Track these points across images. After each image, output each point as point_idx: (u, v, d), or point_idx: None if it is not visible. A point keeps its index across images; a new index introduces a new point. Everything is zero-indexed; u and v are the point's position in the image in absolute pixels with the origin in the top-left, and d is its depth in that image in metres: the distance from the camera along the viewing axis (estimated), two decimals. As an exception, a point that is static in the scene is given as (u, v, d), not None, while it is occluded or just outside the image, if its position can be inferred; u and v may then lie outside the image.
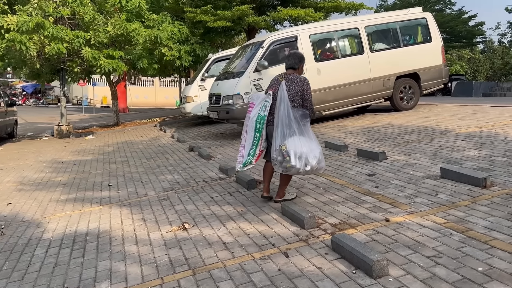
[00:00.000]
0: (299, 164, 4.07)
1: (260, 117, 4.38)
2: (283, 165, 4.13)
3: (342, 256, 3.10)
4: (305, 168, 4.10)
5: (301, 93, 4.30)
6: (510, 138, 5.87)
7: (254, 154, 4.41)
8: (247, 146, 4.44)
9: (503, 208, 3.56)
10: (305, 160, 4.08)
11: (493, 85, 20.69)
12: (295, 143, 4.08)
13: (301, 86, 4.31)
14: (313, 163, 4.11)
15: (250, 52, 9.32)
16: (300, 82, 4.33)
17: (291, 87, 4.29)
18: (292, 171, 4.17)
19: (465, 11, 36.28)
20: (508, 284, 2.48)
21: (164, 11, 15.36)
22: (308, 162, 4.09)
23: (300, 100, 4.30)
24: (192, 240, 3.88)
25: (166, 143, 10.55)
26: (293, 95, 4.26)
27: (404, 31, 10.10)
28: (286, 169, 4.16)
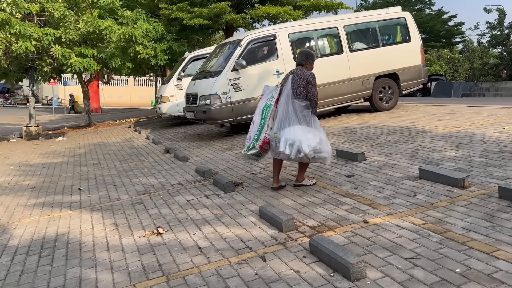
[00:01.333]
0: (289, 150, 4.48)
1: (266, 105, 4.81)
2: (276, 151, 4.65)
3: (320, 259, 3.04)
4: (298, 154, 4.50)
5: (306, 85, 4.62)
6: (488, 138, 5.94)
7: (258, 139, 4.80)
8: (253, 132, 4.88)
9: (481, 208, 3.57)
10: (297, 147, 4.47)
11: (472, 85, 21.13)
12: (289, 131, 4.51)
13: (306, 79, 4.65)
14: (306, 150, 4.47)
15: (228, 51, 9.21)
16: (305, 76, 4.67)
17: (297, 79, 4.65)
18: (281, 156, 4.64)
19: (445, 11, 37.00)
20: (485, 285, 2.47)
21: (139, 8, 15.07)
22: (301, 150, 4.47)
23: (305, 92, 4.63)
24: (167, 245, 3.76)
25: (140, 145, 10.34)
26: (297, 86, 4.62)
27: (383, 30, 10.16)
28: (278, 154, 4.68)
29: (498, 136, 6.00)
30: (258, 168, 6.10)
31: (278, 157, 4.76)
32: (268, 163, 6.35)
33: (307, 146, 4.48)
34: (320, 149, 4.57)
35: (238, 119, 8.83)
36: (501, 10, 40.00)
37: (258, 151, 4.86)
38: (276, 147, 4.61)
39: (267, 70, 8.89)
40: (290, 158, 4.62)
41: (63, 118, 23.34)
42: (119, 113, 25.66)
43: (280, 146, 4.53)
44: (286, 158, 4.72)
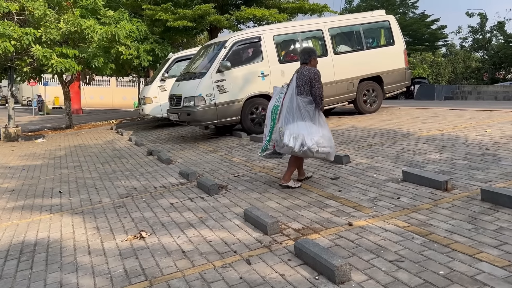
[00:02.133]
0: (293, 143, 4.60)
1: (275, 107, 4.97)
2: (280, 145, 4.76)
3: (305, 262, 3.03)
4: (302, 148, 4.61)
5: (310, 82, 4.73)
6: (471, 141, 6.03)
7: (270, 140, 5.02)
8: (266, 133, 5.07)
9: (464, 211, 3.60)
10: (301, 141, 4.59)
11: (454, 88, 21.48)
12: (293, 126, 4.66)
13: (310, 76, 4.75)
14: (310, 144, 4.60)
15: (213, 52, 9.17)
16: (309, 73, 4.78)
17: (300, 77, 4.78)
18: (285, 149, 4.73)
19: (428, 15, 37.55)
20: (468, 287, 2.49)
21: (122, 8, 14.88)
22: (304, 143, 4.59)
23: (309, 88, 4.74)
24: (150, 249, 3.70)
25: (123, 147, 10.20)
26: (301, 84, 4.74)
27: (368, 33, 10.24)
28: (282, 148, 4.77)
29: (481, 139, 6.10)
30: (243, 171, 6.08)
31: (282, 150, 4.86)
32: (252, 165, 6.33)
33: (310, 139, 4.62)
34: (323, 143, 4.70)
35: (223, 121, 8.78)
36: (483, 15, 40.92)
37: (273, 150, 5.05)
38: (280, 140, 4.73)
39: (252, 72, 8.87)
40: (294, 151, 4.68)
41: (43, 119, 22.91)
42: (100, 114, 25.28)
43: (284, 139, 4.65)
44: (290, 152, 4.76)
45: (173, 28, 15.61)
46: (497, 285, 2.46)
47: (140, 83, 25.62)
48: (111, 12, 13.82)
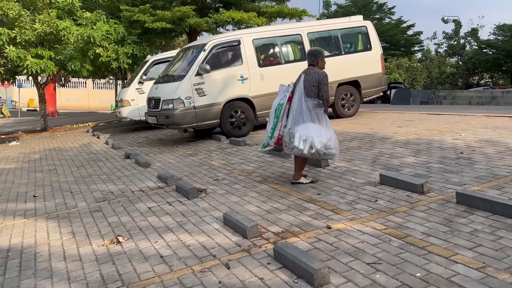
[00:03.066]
0: (303, 145, 4.68)
1: (279, 104, 5.02)
2: (289, 146, 4.81)
3: (284, 265, 3.03)
4: (310, 150, 4.71)
5: (318, 85, 4.80)
6: (446, 145, 6.16)
7: (272, 136, 5.06)
8: (268, 129, 5.14)
9: (439, 213, 3.67)
10: (310, 143, 4.68)
11: (430, 93, 21.90)
12: (303, 128, 4.71)
13: (318, 79, 4.82)
14: (318, 146, 4.70)
15: (192, 55, 9.12)
16: (317, 75, 4.84)
17: (308, 79, 4.83)
18: (295, 151, 4.79)
19: (404, 21, 38.28)
20: (445, 289, 2.53)
21: (99, 9, 14.67)
22: (313, 146, 4.68)
23: (316, 90, 4.81)
24: (127, 254, 3.64)
25: (99, 150, 10.03)
26: (309, 85, 4.79)
27: (345, 39, 10.36)
28: (291, 149, 4.83)
29: (455, 143, 6.24)
30: (222, 174, 6.05)
31: (291, 152, 4.91)
32: (232, 169, 6.32)
33: (319, 142, 4.71)
34: (330, 145, 4.81)
35: (202, 124, 8.74)
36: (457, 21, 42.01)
37: (274, 147, 5.10)
38: (290, 142, 4.78)
39: (231, 75, 8.87)
40: (303, 153, 4.75)
41: (17, 122, 22.35)
42: (76, 117, 24.82)
43: (295, 141, 4.72)
44: (299, 154, 4.81)
45: (152, 30, 15.47)
46: (472, 286, 2.51)
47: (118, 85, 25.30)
48: (88, 14, 13.61)
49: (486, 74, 42.30)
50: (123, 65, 14.14)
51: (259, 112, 9.13)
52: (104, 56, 13.51)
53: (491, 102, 17.69)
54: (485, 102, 17.95)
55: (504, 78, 41.43)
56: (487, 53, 39.94)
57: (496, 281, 2.53)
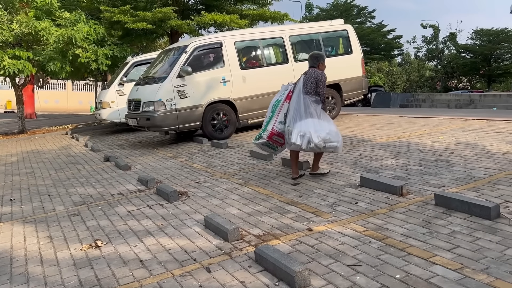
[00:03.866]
0: (300, 141, 4.93)
1: (277, 101, 5.30)
2: (288, 142, 5.08)
3: (266, 268, 3.02)
4: (309, 145, 4.93)
5: (316, 82, 5.06)
6: (424, 147, 6.25)
7: (265, 129, 5.30)
8: (264, 123, 5.37)
9: (418, 215, 3.72)
10: (308, 138, 4.90)
11: (409, 96, 22.23)
12: (300, 124, 4.95)
13: (316, 77, 5.09)
14: (316, 141, 4.91)
15: (173, 57, 9.05)
16: (316, 74, 5.12)
17: (308, 77, 5.12)
18: (293, 146, 5.06)
19: (384, 25, 38.83)
20: (424, 290, 2.55)
21: (78, 10, 14.44)
22: (311, 140, 4.90)
23: (314, 88, 5.07)
24: (106, 258, 3.57)
25: (78, 153, 9.87)
26: (308, 83, 5.07)
27: (327, 42, 10.43)
28: (290, 145, 5.10)
29: (434, 145, 6.34)
30: (203, 177, 6.02)
31: (290, 148, 5.15)
32: (214, 171, 6.28)
33: (316, 136, 4.91)
34: (330, 139, 4.99)
35: (184, 126, 8.68)
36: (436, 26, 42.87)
37: (266, 141, 5.33)
38: (289, 138, 5.05)
39: (213, 78, 8.83)
40: (302, 148, 4.99)
41: (-7, 124, 21.84)
42: (55, 119, 24.41)
43: (292, 137, 4.97)
44: (298, 149, 5.07)
45: (133, 31, 15.31)
46: (450, 287, 2.54)
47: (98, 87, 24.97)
48: (67, 14, 13.39)
49: (464, 77, 43.26)
50: (102, 67, 13.94)
51: (241, 114, 9.11)
52: (83, 57, 13.31)
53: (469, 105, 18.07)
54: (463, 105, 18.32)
55: (482, 82, 42.44)
56: (465, 57, 40.90)
57: (473, 281, 2.57)
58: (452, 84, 42.16)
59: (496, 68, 39.76)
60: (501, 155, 5.40)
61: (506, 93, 20.83)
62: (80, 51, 13.26)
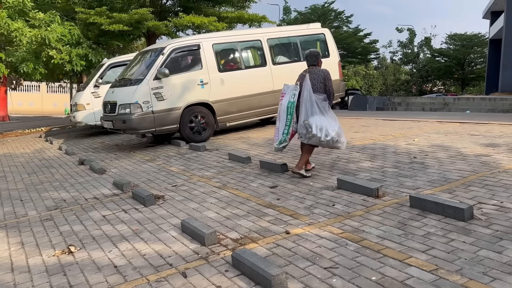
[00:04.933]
0: (320, 133, 5.09)
1: (290, 102, 5.34)
2: (307, 136, 5.19)
3: (243, 272, 3.00)
4: (326, 138, 5.11)
5: (324, 81, 5.26)
6: (400, 150, 6.34)
7: (288, 133, 5.39)
8: (281, 127, 5.42)
9: (394, 217, 3.75)
10: (325, 132, 5.09)
11: (385, 99, 22.50)
12: (316, 118, 5.13)
13: (323, 76, 5.28)
14: (333, 134, 5.12)
15: (150, 59, 8.95)
16: (322, 73, 5.31)
17: (314, 77, 5.26)
18: (314, 139, 5.16)
19: (361, 29, 39.32)
20: (399, 291, 2.57)
21: (53, 10, 14.14)
22: (328, 134, 5.10)
23: (323, 86, 5.26)
24: (79, 264, 3.48)
25: (52, 156, 9.64)
26: (316, 82, 5.23)
27: (304, 45, 10.49)
28: (309, 139, 5.19)
29: (409, 148, 6.43)
30: (181, 180, 5.95)
31: (309, 141, 5.22)
32: (191, 174, 6.22)
33: (332, 130, 5.14)
34: (340, 134, 5.22)
35: (161, 129, 8.58)
36: (412, 30, 43.70)
37: (288, 143, 5.48)
38: (308, 132, 5.15)
39: (191, 80, 8.77)
40: (321, 141, 5.14)
41: (-37, 126, 21.15)
42: (29, 121, 23.80)
43: (313, 130, 5.10)
44: (318, 142, 5.17)
45: (109, 32, 15.08)
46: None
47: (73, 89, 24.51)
48: (41, 14, 13.11)
49: (439, 81, 44.21)
50: (76, 68, 13.69)
51: (220, 117, 9.07)
52: (58, 58, 13.04)
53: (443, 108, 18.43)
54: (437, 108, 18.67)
55: (456, 85, 43.44)
56: (440, 61, 41.78)
57: (448, 283, 2.60)
58: (427, 87, 43.02)
59: (469, 72, 40.76)
60: (474, 157, 5.52)
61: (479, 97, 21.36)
62: (54, 52, 12.99)
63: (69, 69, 13.92)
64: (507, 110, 15.85)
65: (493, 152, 5.73)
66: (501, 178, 4.50)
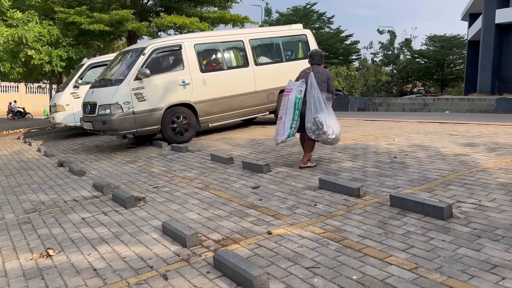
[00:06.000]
0: (329, 131, 5.35)
1: (297, 98, 5.52)
2: (316, 133, 5.41)
3: (224, 273, 2.98)
4: (332, 136, 5.39)
5: (327, 81, 5.55)
6: (381, 150, 6.41)
7: (295, 127, 5.56)
8: (287, 121, 5.56)
9: (375, 216, 3.78)
10: (332, 129, 5.38)
11: (366, 100, 22.74)
12: (325, 115, 5.38)
13: (327, 76, 5.59)
14: (337, 132, 5.46)
15: (131, 59, 8.85)
16: (325, 73, 5.60)
17: (319, 75, 5.52)
18: (323, 137, 5.39)
19: (342, 30, 39.66)
20: (379, 290, 2.59)
21: (31, 10, 13.88)
22: (333, 132, 5.40)
23: (326, 86, 5.54)
24: (57, 268, 3.41)
25: (30, 158, 9.45)
26: (320, 81, 5.48)
27: (286, 46, 10.52)
28: (319, 135, 5.42)
29: (389, 147, 6.51)
30: (162, 182, 5.89)
31: (318, 138, 5.47)
32: (173, 175, 6.17)
33: (336, 129, 5.45)
34: (339, 132, 5.55)
35: (142, 130, 8.49)
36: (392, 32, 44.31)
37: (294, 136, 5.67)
38: (318, 129, 5.38)
39: (172, 80, 8.71)
40: (328, 138, 5.41)
41: None
42: (7, 122, 23.33)
43: (324, 128, 5.35)
44: (325, 139, 5.44)
45: (89, 33, 14.86)
46: (405, 287, 2.58)
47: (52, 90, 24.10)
48: (19, 14, 12.85)
49: (419, 82, 44.91)
50: (56, 68, 13.46)
51: (202, 118, 9.03)
52: (37, 58, 12.81)
53: (423, 109, 18.72)
54: (417, 109, 18.95)
55: (435, 86, 44.19)
56: (420, 62, 42.45)
57: (427, 281, 2.63)
58: (407, 88, 43.65)
59: (448, 73, 41.51)
60: (453, 156, 5.61)
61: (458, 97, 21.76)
62: (33, 53, 12.76)
63: (49, 70, 13.67)
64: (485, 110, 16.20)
65: (472, 151, 5.84)
66: (479, 177, 4.59)
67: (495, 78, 22.81)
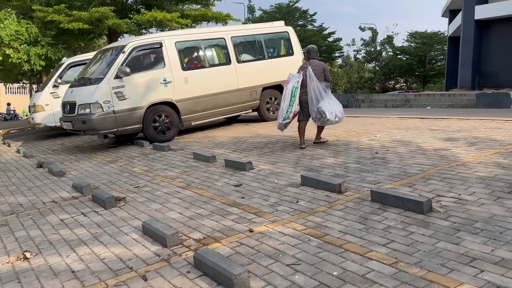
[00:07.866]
0: (332, 117, 6.23)
1: (294, 87, 6.33)
2: (321, 121, 6.31)
3: (205, 273, 2.95)
4: (335, 119, 6.28)
5: (323, 71, 6.40)
6: (362, 146, 6.44)
7: (291, 111, 6.36)
8: (285, 107, 6.37)
9: (356, 212, 3.79)
10: (335, 114, 6.23)
11: (349, 97, 22.87)
12: (326, 104, 6.21)
13: (323, 67, 6.45)
14: (340, 115, 6.32)
15: (110, 57, 8.71)
16: (321, 65, 6.46)
17: (316, 68, 6.35)
18: (327, 123, 6.32)
19: (325, 27, 39.78)
20: (360, 286, 2.58)
21: (8, 8, 13.58)
22: (337, 115, 6.27)
23: (323, 76, 6.38)
24: (35, 271, 3.34)
25: (9, 159, 9.25)
26: (318, 73, 6.31)
27: (268, 43, 10.49)
28: (324, 122, 6.34)
29: (371, 143, 6.54)
30: (143, 181, 5.82)
31: (323, 124, 6.40)
32: (154, 175, 6.10)
33: (339, 112, 6.29)
34: (343, 112, 6.39)
35: (123, 129, 8.38)
36: (374, 29, 44.62)
37: (290, 120, 6.42)
38: (322, 117, 6.22)
39: (153, 79, 8.61)
40: (332, 123, 6.30)
41: None
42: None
43: (327, 115, 6.18)
44: (329, 123, 6.34)
45: (68, 32, 14.61)
46: (385, 282, 2.59)
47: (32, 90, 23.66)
48: (-6, 12, 12.56)
49: (401, 78, 45.35)
50: (35, 67, 13.19)
51: (184, 116, 8.95)
52: (15, 57, 12.53)
53: (405, 105, 18.92)
54: (399, 105, 19.15)
55: (417, 82, 44.69)
56: (402, 59, 42.87)
57: (407, 275, 2.64)
58: (389, 85, 44.04)
59: (430, 69, 42.01)
60: (434, 151, 5.67)
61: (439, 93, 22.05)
62: (11, 51, 12.48)
63: (28, 69, 13.40)
64: (466, 105, 16.45)
65: (452, 146, 5.90)
66: (459, 171, 4.63)
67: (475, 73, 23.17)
